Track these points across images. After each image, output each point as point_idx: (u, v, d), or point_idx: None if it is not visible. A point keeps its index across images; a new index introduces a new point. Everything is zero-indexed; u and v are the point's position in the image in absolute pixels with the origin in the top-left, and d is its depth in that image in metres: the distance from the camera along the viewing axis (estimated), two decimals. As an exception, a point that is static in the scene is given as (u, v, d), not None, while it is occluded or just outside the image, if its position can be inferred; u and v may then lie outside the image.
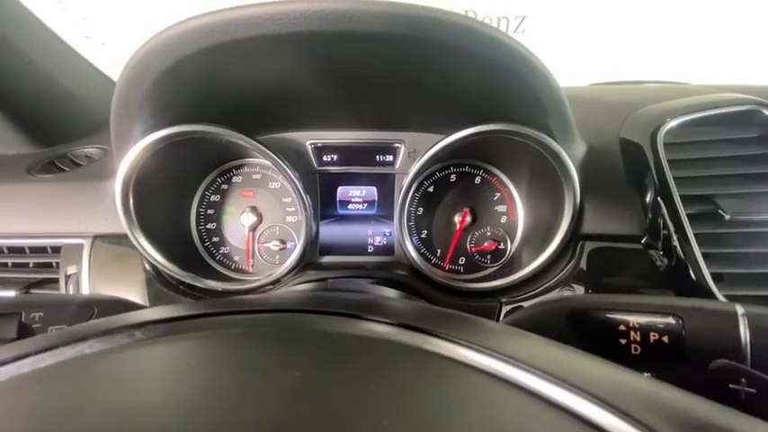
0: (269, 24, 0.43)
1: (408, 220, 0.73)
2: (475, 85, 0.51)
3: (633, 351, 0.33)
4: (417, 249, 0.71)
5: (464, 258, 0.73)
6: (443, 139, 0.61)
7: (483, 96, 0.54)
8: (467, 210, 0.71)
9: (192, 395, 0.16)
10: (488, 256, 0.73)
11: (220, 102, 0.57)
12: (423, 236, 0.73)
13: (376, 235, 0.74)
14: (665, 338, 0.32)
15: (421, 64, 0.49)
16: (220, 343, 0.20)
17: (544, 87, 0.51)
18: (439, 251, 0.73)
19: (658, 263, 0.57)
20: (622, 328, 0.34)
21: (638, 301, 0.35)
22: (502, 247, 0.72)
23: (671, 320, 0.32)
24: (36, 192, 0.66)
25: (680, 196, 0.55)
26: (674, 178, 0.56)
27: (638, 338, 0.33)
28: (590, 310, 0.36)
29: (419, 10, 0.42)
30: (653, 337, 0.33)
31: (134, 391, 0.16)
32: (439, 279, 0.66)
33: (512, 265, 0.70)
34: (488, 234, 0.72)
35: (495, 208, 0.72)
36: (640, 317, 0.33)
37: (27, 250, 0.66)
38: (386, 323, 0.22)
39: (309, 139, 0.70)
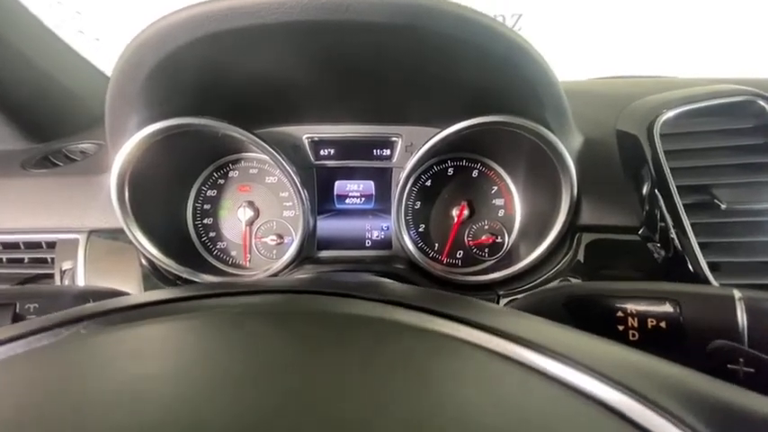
0: (264, 14, 0.42)
1: (406, 214, 0.73)
2: (472, 76, 0.51)
3: (631, 337, 0.33)
4: (415, 243, 0.71)
5: (462, 252, 0.73)
6: (440, 132, 0.61)
7: (480, 88, 0.54)
8: (464, 203, 0.71)
9: (192, 369, 0.15)
10: (486, 250, 0.73)
11: (216, 94, 0.57)
12: (420, 230, 0.73)
13: (374, 229, 0.74)
14: (663, 324, 0.32)
15: (418, 55, 0.48)
16: (218, 322, 0.20)
17: (541, 78, 0.50)
18: (437, 245, 0.73)
19: (655, 254, 0.57)
20: (620, 314, 0.34)
21: (636, 287, 0.35)
22: (499, 240, 0.72)
23: (668, 306, 0.32)
24: (30, 187, 0.66)
25: (676, 187, 0.55)
26: (671, 169, 0.56)
27: (635, 324, 0.33)
28: (587, 296, 0.36)
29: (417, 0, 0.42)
30: (650, 322, 0.33)
31: (130, 365, 0.16)
32: (437, 272, 0.66)
33: (509, 257, 0.70)
34: (486, 227, 0.72)
35: (493, 201, 0.72)
36: (638, 303, 0.33)
37: (22, 246, 0.65)
38: (386, 302, 0.22)
39: (306, 133, 0.70)
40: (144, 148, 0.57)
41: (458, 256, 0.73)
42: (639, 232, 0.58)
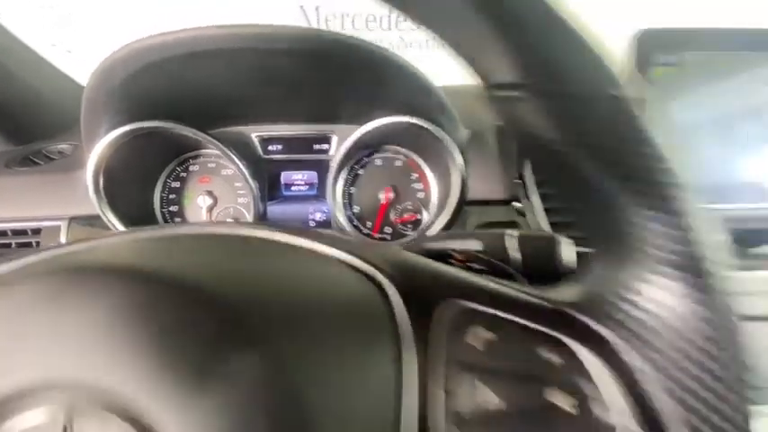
0: (202, 43, 0.57)
1: (343, 198, 0.87)
2: (371, 89, 0.67)
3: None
4: (350, 221, 0.86)
5: (390, 228, 0.89)
6: (357, 129, 0.76)
7: (381, 96, 0.69)
8: (390, 188, 0.87)
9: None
10: (409, 225, 0.88)
11: (175, 102, 0.70)
12: (355, 211, 0.88)
13: (316, 212, 0.88)
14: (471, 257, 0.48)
15: (329, 72, 0.64)
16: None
17: (422, 88, 0.66)
18: (368, 223, 0.88)
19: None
20: (450, 253, 0.50)
21: (464, 233, 0.51)
22: (419, 217, 0.88)
23: (476, 243, 0.48)
24: (16, 183, 0.77)
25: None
26: (534, 155, 0.73)
27: (458, 259, 0.49)
28: (434, 248, 0.52)
29: (315, 33, 0.57)
30: (462, 257, 0.48)
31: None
32: (367, 245, 0.82)
33: (426, 230, 0.86)
34: (409, 207, 0.88)
35: (413, 185, 0.88)
36: (456, 242, 0.49)
37: (9, 233, 0.76)
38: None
39: (255, 131, 0.83)
40: (115, 147, 0.70)
41: (386, 231, 0.89)
42: (511, 204, 0.75)
